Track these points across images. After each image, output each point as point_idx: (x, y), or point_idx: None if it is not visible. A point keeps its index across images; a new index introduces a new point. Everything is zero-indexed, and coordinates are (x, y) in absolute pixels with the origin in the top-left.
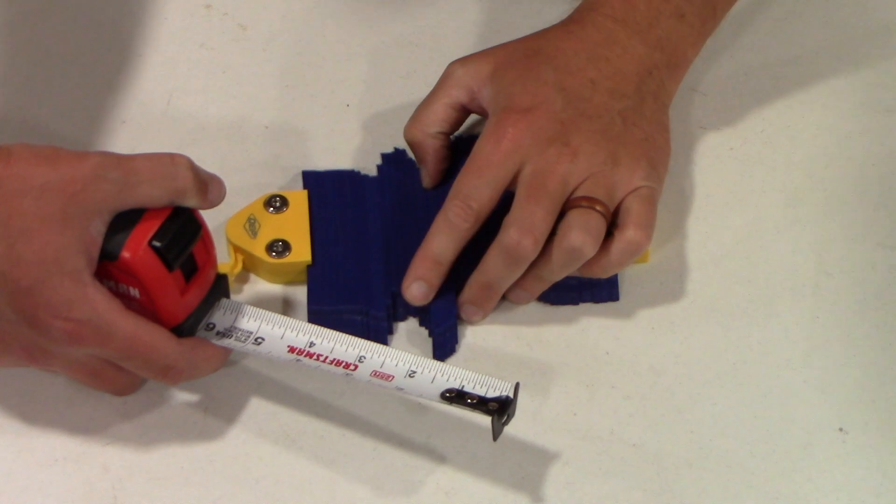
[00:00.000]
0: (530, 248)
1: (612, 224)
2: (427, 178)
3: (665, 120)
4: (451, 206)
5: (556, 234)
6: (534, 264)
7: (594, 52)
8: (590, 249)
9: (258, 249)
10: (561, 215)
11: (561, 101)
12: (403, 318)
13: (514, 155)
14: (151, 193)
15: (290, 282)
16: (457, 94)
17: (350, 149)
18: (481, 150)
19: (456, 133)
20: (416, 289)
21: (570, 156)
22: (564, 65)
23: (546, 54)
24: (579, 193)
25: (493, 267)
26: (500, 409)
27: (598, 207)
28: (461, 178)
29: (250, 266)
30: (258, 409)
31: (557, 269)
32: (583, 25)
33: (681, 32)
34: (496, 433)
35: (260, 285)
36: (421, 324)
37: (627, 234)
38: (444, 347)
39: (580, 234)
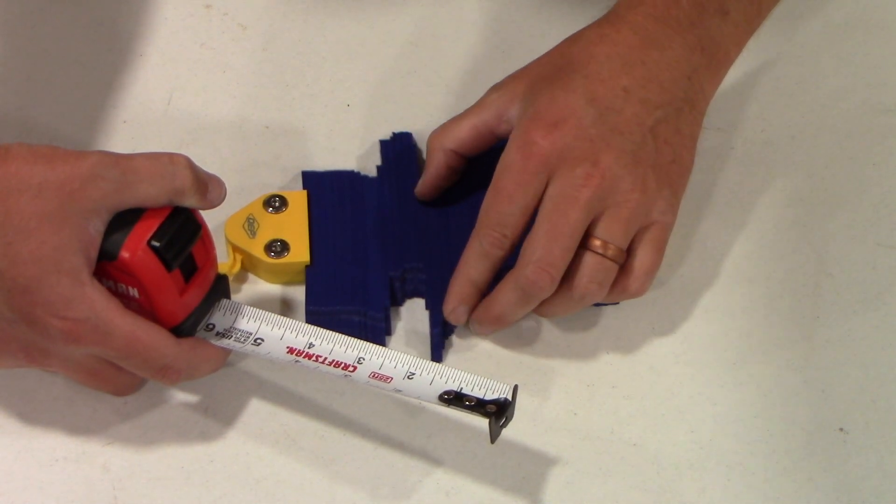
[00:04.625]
0: (547, 287)
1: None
2: (423, 187)
3: (696, 131)
4: (484, 234)
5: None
6: None
7: (628, 56)
8: (597, 298)
9: (257, 249)
10: None
11: (591, 114)
12: (402, 303)
13: (542, 174)
14: (150, 193)
15: (289, 282)
16: (486, 116)
17: (350, 149)
18: (508, 169)
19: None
20: (461, 312)
21: (598, 179)
22: (596, 72)
23: (578, 62)
24: (597, 233)
25: (506, 301)
26: (498, 411)
27: (610, 253)
28: (492, 202)
29: (249, 266)
30: (258, 409)
31: (561, 309)
32: (618, 28)
33: (724, 31)
34: (493, 435)
35: (258, 285)
36: (426, 307)
37: (627, 284)
38: (441, 348)
39: (590, 285)
